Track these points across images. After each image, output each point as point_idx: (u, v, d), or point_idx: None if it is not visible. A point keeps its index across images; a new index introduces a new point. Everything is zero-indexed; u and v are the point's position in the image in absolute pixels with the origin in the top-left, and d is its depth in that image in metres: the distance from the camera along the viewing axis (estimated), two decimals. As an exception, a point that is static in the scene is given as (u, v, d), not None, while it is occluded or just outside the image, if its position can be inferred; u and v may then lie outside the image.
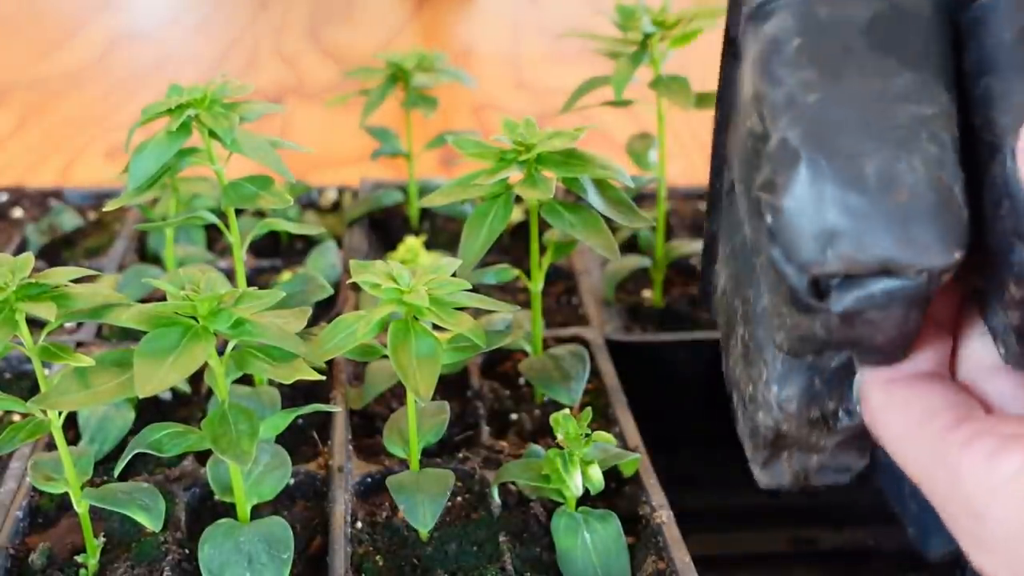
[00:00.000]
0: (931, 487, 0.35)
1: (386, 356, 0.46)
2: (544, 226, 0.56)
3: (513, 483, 0.54)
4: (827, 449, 0.42)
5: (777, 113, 0.33)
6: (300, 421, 0.60)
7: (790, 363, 0.39)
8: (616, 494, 0.55)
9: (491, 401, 0.62)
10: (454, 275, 0.48)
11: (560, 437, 0.51)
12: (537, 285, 0.58)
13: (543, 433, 0.60)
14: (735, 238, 0.45)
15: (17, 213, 0.84)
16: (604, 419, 0.60)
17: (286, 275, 0.73)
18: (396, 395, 0.62)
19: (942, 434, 0.34)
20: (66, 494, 0.49)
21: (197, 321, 0.43)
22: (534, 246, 0.58)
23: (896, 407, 0.36)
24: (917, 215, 0.31)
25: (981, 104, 0.33)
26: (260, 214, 0.78)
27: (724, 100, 0.43)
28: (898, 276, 0.32)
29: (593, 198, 0.52)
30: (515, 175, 0.52)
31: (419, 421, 0.52)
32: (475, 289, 0.48)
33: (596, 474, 0.51)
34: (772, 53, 0.35)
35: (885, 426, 0.37)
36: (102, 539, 0.52)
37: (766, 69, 0.34)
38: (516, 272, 0.56)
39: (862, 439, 0.42)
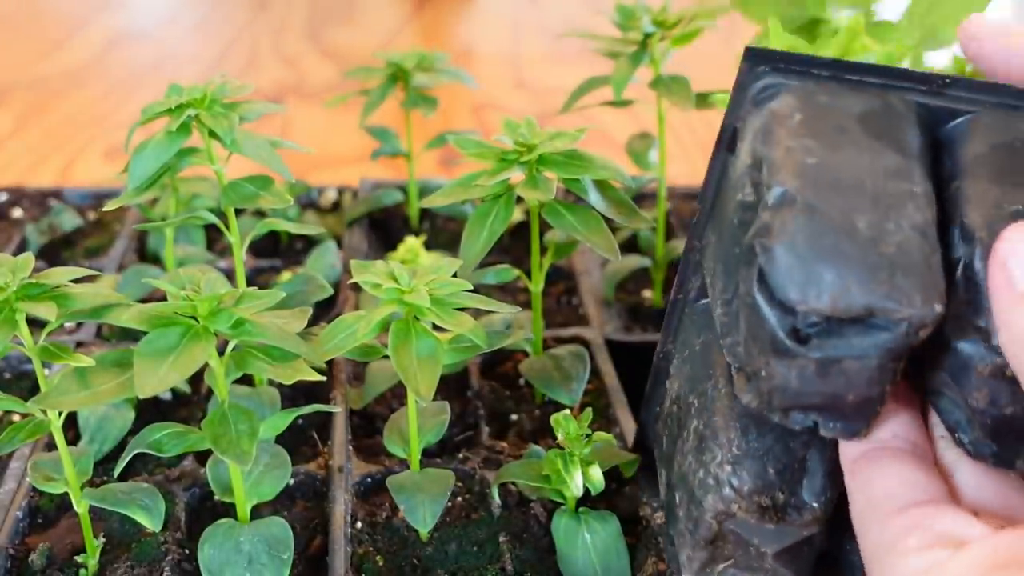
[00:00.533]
0: (871, 571, 0.35)
1: (387, 356, 0.46)
2: (545, 226, 0.56)
3: (513, 483, 0.54)
4: (763, 568, 0.42)
5: (777, 168, 0.36)
6: (300, 421, 0.60)
7: (746, 447, 0.40)
8: (616, 494, 0.55)
9: (491, 401, 0.62)
10: (455, 275, 0.48)
11: (560, 437, 0.51)
12: (538, 285, 0.58)
13: (543, 433, 0.60)
14: (694, 343, 0.46)
15: (17, 213, 0.84)
16: (604, 419, 0.60)
17: (286, 275, 0.73)
18: (396, 395, 0.62)
19: (889, 518, 0.35)
20: (66, 494, 0.49)
21: (197, 321, 0.43)
22: (535, 247, 0.58)
23: (858, 483, 0.37)
24: (903, 268, 0.33)
25: (953, 203, 0.36)
26: (260, 214, 0.78)
27: (706, 196, 0.44)
28: (878, 326, 0.34)
29: (594, 198, 0.52)
30: (516, 176, 0.52)
31: (419, 421, 0.52)
32: (475, 289, 0.48)
33: (596, 474, 0.51)
34: (774, 124, 0.37)
35: (850, 501, 0.37)
36: (102, 539, 0.52)
37: (769, 135, 0.37)
38: (517, 272, 0.56)
39: (800, 560, 0.42)
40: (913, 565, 0.33)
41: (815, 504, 0.41)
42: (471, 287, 0.47)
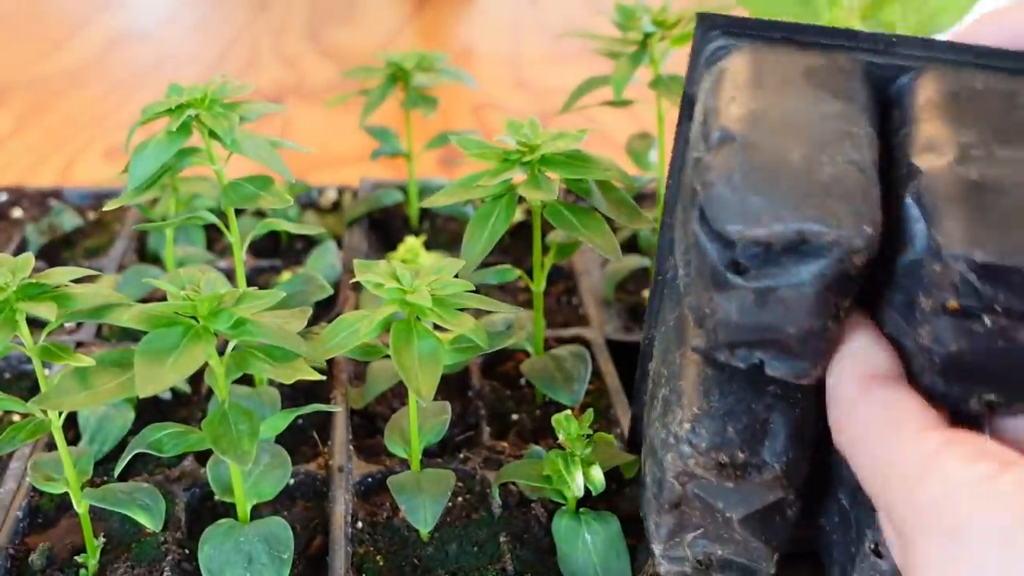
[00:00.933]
0: (901, 495, 0.33)
1: (388, 356, 0.46)
2: (546, 227, 0.56)
3: (514, 484, 0.54)
4: (733, 539, 0.42)
5: (720, 114, 0.37)
6: (300, 421, 0.60)
7: (707, 407, 0.41)
8: (617, 495, 0.55)
9: (492, 401, 0.62)
10: (457, 276, 0.48)
11: (561, 438, 0.50)
12: (539, 285, 0.58)
13: (544, 434, 0.60)
14: (668, 319, 0.46)
15: (17, 213, 0.84)
16: (605, 420, 0.60)
17: (286, 275, 0.73)
18: (397, 395, 0.62)
19: (924, 432, 0.33)
20: (66, 494, 0.49)
21: (197, 321, 0.43)
22: (536, 247, 0.58)
23: (873, 403, 0.35)
24: (834, 194, 0.34)
25: (900, 148, 0.37)
26: (260, 214, 0.78)
27: (673, 170, 0.45)
28: (812, 253, 0.34)
29: (596, 199, 0.52)
30: (518, 176, 0.52)
31: (420, 421, 0.52)
32: (476, 289, 0.48)
33: (597, 475, 0.51)
34: (722, 79, 0.39)
35: (858, 423, 0.36)
36: (102, 539, 0.52)
37: (716, 88, 0.39)
38: (518, 272, 0.56)
39: (771, 529, 0.42)
40: (959, 475, 0.31)
41: (776, 464, 0.40)
42: (473, 287, 0.47)
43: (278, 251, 0.79)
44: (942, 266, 0.33)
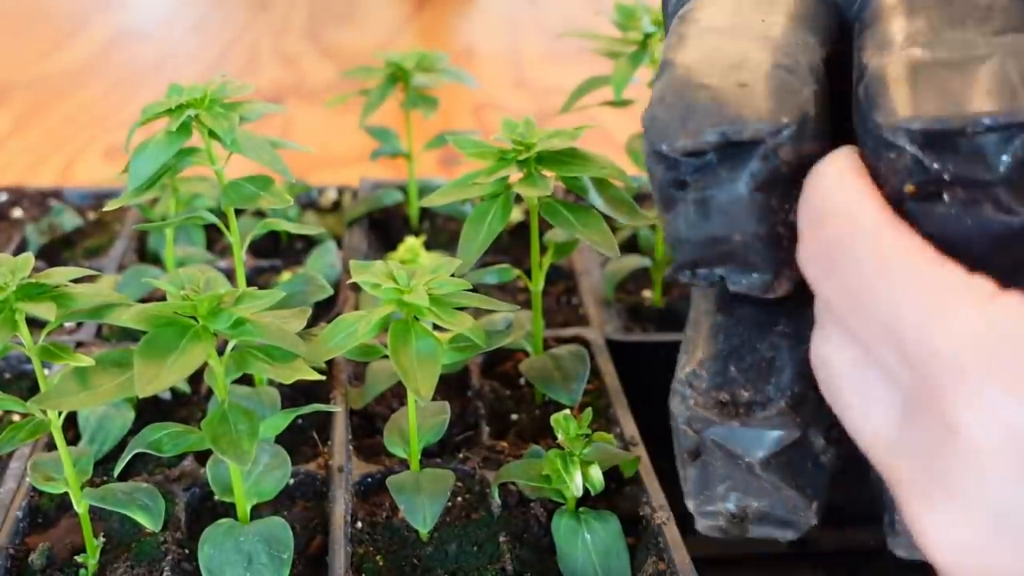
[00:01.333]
0: (928, 331, 0.29)
1: (387, 356, 0.46)
2: (545, 226, 0.56)
3: (513, 483, 0.54)
4: (764, 489, 0.41)
5: (666, 45, 0.38)
6: (300, 421, 0.60)
7: (711, 350, 0.40)
8: (616, 494, 0.55)
9: (491, 401, 0.62)
10: (454, 275, 0.48)
11: (560, 437, 0.51)
12: (538, 285, 0.58)
13: (543, 433, 0.60)
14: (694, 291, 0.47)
15: (17, 213, 0.84)
16: (605, 419, 0.60)
17: (286, 275, 0.73)
18: (396, 395, 0.62)
19: (945, 263, 0.29)
20: (66, 494, 0.49)
21: (197, 321, 0.43)
22: (535, 246, 0.58)
23: (877, 227, 0.32)
24: (756, 92, 0.34)
25: (858, 56, 0.37)
26: (260, 214, 0.78)
27: None
28: (739, 155, 0.34)
29: (594, 197, 0.52)
30: (515, 174, 0.52)
31: (419, 421, 0.52)
32: (475, 289, 0.48)
33: (596, 474, 0.51)
34: (679, 22, 0.39)
35: (858, 245, 0.32)
36: (102, 539, 0.52)
37: (672, 29, 0.39)
38: (516, 272, 0.56)
39: (802, 476, 0.41)
40: (1020, 318, 0.27)
41: (780, 400, 0.40)
42: (470, 287, 0.47)
43: (278, 251, 0.79)
44: (890, 149, 0.33)
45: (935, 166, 0.32)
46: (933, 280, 0.29)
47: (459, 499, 0.55)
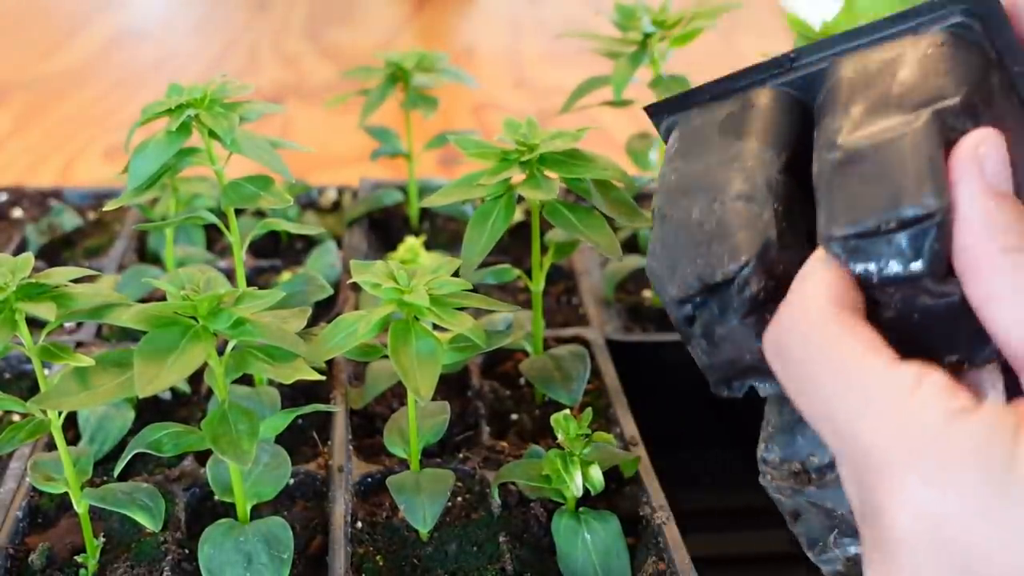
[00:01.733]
0: (870, 425, 0.31)
1: (387, 356, 0.46)
2: (545, 226, 0.56)
3: (513, 483, 0.54)
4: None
5: (655, 196, 0.42)
6: (300, 421, 0.60)
7: (778, 422, 0.42)
8: (616, 494, 0.55)
9: (491, 401, 0.62)
10: (455, 275, 0.48)
11: (560, 437, 0.51)
12: (538, 285, 0.58)
13: (543, 433, 0.60)
14: None
15: (17, 213, 0.84)
16: (604, 419, 0.60)
17: (286, 275, 0.73)
18: (396, 395, 0.62)
19: (895, 364, 0.31)
20: (66, 494, 0.49)
21: (197, 321, 0.43)
22: (535, 246, 0.58)
23: (837, 330, 0.33)
24: (718, 237, 0.38)
25: (821, 137, 0.39)
26: (260, 214, 0.78)
27: None
28: (721, 291, 0.38)
29: (595, 198, 0.52)
30: (517, 175, 0.52)
31: (419, 421, 0.52)
32: (475, 289, 0.48)
33: (596, 474, 0.51)
34: (665, 165, 0.43)
35: (816, 347, 0.34)
36: (102, 539, 0.52)
37: (661, 173, 0.43)
38: (517, 272, 0.56)
39: None
40: (936, 409, 0.30)
41: None
42: (471, 287, 0.47)
43: (278, 251, 0.79)
44: (835, 257, 0.35)
45: (863, 270, 0.34)
46: (861, 375, 0.31)
47: (459, 499, 0.55)
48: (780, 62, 0.42)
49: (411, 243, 0.72)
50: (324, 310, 0.67)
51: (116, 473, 0.49)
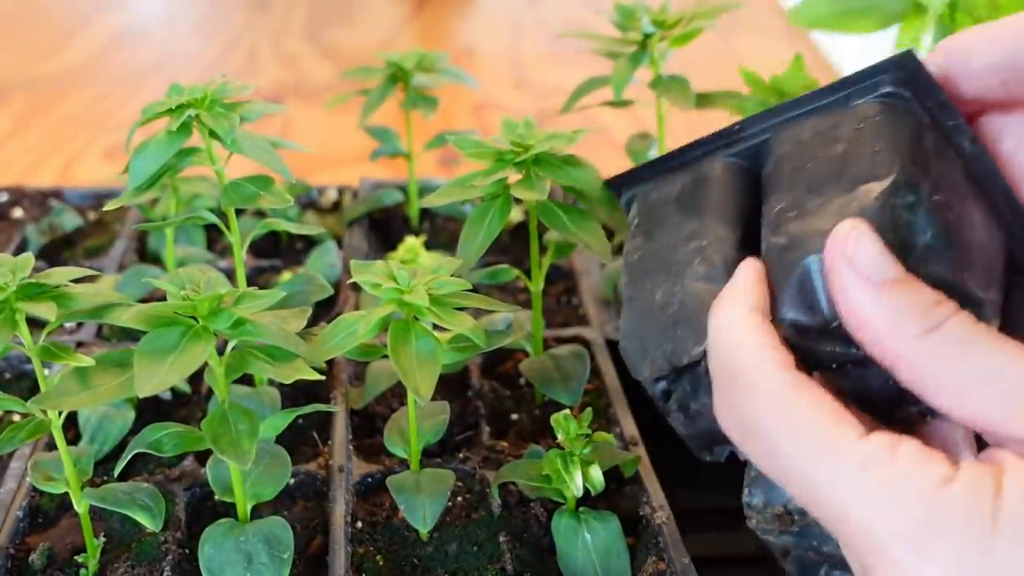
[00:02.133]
0: (851, 501, 0.31)
1: (387, 356, 0.46)
2: (544, 226, 0.56)
3: (513, 483, 0.54)
4: None
5: (620, 275, 0.44)
6: (300, 421, 0.60)
7: (757, 470, 0.43)
8: (616, 494, 0.55)
9: (491, 401, 0.62)
10: (454, 275, 0.48)
11: (560, 437, 0.51)
12: (538, 285, 0.58)
13: (543, 433, 0.60)
14: None
15: (17, 213, 0.84)
16: (605, 419, 0.60)
17: (286, 275, 0.73)
18: (397, 395, 0.62)
19: (864, 438, 0.31)
20: (66, 494, 0.49)
21: (197, 321, 0.43)
22: (534, 246, 0.58)
23: (795, 396, 0.33)
24: (682, 320, 0.40)
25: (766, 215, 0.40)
26: (260, 214, 0.78)
27: None
28: (687, 371, 0.40)
29: (590, 202, 0.52)
30: (513, 176, 0.52)
31: (419, 421, 0.52)
32: (475, 289, 0.48)
33: (596, 474, 0.51)
34: (626, 237, 0.45)
35: (775, 415, 0.33)
36: (102, 539, 0.52)
37: (625, 257, 0.45)
38: (516, 272, 0.56)
39: None
40: (916, 482, 0.30)
41: None
42: (471, 287, 0.47)
43: (278, 251, 0.79)
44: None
45: (811, 350, 0.36)
46: (832, 450, 0.31)
47: (459, 499, 0.55)
48: (727, 133, 0.43)
49: (411, 243, 0.72)
50: (324, 310, 0.67)
51: (116, 473, 0.49)
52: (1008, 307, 0.39)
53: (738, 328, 0.35)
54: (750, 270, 0.37)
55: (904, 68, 0.38)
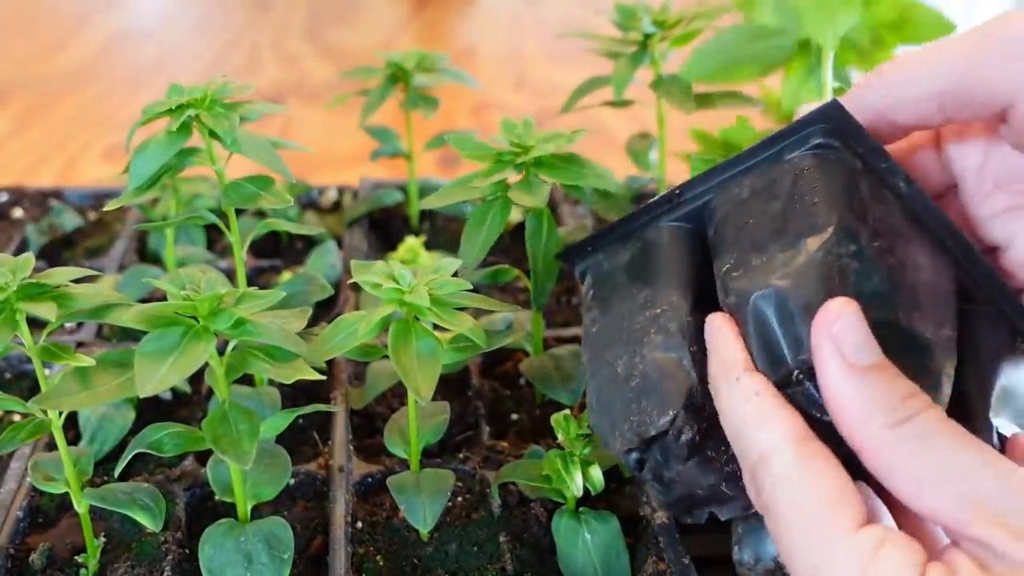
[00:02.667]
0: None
1: (387, 356, 0.46)
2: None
3: (513, 483, 0.54)
4: None
5: (582, 348, 0.46)
6: (300, 421, 0.60)
7: (749, 526, 0.44)
8: (616, 494, 0.55)
9: (491, 401, 0.62)
10: (455, 275, 0.48)
11: (561, 437, 0.51)
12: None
13: (543, 433, 0.60)
14: None
15: (17, 213, 0.84)
16: (604, 419, 0.60)
17: (286, 275, 0.73)
18: (397, 395, 0.62)
19: (857, 532, 0.33)
20: (66, 494, 0.49)
21: (197, 321, 0.43)
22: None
23: (800, 482, 0.35)
24: (645, 392, 0.40)
25: (717, 276, 0.41)
26: (260, 214, 0.78)
27: None
28: (658, 441, 0.40)
29: (592, 202, 0.52)
30: (512, 176, 0.52)
31: (420, 421, 0.52)
32: (475, 289, 0.48)
33: (596, 474, 0.51)
34: (583, 309, 0.47)
35: (785, 506, 0.35)
36: (102, 539, 0.52)
37: (584, 328, 0.46)
38: (516, 272, 0.56)
39: None
40: (881, 562, 0.32)
41: None
42: (471, 287, 0.47)
43: (278, 251, 0.79)
44: None
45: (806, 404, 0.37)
46: (827, 542, 0.33)
47: (459, 499, 0.55)
48: (668, 199, 0.44)
49: (411, 243, 0.72)
50: (324, 310, 0.67)
51: (116, 473, 0.49)
52: (964, 338, 0.40)
53: (744, 404, 0.36)
54: (727, 333, 0.38)
55: (831, 118, 0.39)
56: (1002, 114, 0.39)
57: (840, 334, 0.34)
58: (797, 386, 0.36)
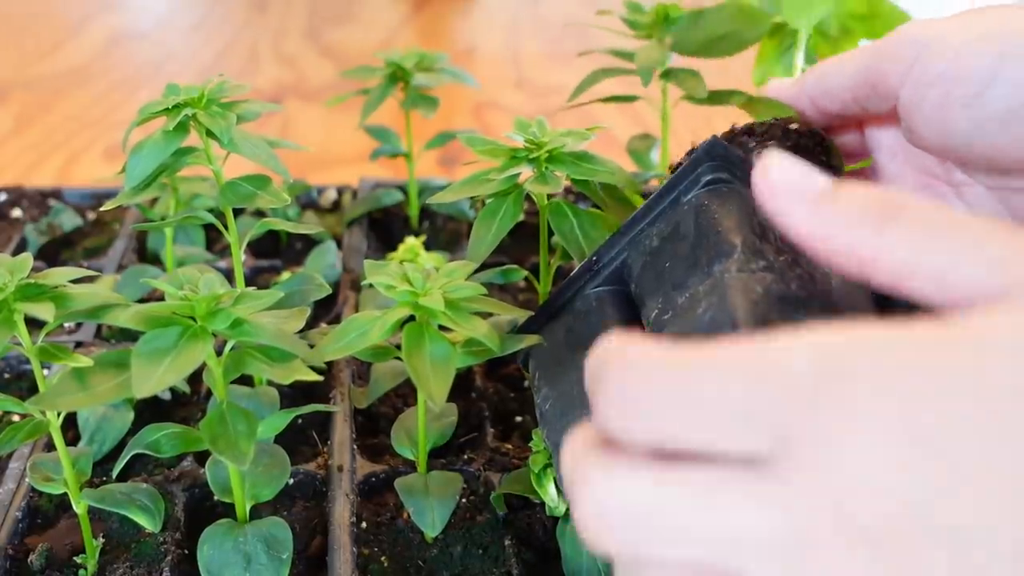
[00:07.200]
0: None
1: (397, 358, 0.46)
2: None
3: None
4: None
5: (541, 428, 0.47)
6: (300, 421, 0.60)
7: None
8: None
9: (495, 403, 0.62)
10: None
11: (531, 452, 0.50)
12: (546, 287, 0.58)
13: (545, 434, 0.59)
14: None
15: (16, 213, 0.84)
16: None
17: (286, 275, 0.72)
18: (399, 394, 0.62)
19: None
20: (65, 494, 0.49)
21: (195, 321, 0.42)
22: (543, 248, 0.58)
23: None
24: None
25: (647, 324, 0.43)
26: (260, 214, 0.77)
27: None
28: None
29: (601, 200, 0.52)
30: (525, 173, 0.52)
31: (427, 422, 0.52)
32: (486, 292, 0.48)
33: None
34: (534, 391, 0.48)
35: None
36: (101, 540, 0.51)
37: (536, 405, 0.48)
38: (524, 272, 0.56)
39: None
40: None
41: None
42: (485, 291, 0.47)
43: (278, 251, 0.79)
44: None
45: None
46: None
47: (464, 501, 0.54)
48: (588, 268, 0.47)
49: (411, 243, 0.72)
50: (324, 310, 0.67)
51: (115, 473, 0.49)
52: None
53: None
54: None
55: (715, 155, 0.43)
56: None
57: (779, 181, 0.30)
58: None
